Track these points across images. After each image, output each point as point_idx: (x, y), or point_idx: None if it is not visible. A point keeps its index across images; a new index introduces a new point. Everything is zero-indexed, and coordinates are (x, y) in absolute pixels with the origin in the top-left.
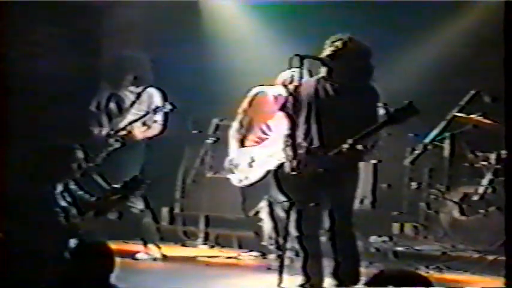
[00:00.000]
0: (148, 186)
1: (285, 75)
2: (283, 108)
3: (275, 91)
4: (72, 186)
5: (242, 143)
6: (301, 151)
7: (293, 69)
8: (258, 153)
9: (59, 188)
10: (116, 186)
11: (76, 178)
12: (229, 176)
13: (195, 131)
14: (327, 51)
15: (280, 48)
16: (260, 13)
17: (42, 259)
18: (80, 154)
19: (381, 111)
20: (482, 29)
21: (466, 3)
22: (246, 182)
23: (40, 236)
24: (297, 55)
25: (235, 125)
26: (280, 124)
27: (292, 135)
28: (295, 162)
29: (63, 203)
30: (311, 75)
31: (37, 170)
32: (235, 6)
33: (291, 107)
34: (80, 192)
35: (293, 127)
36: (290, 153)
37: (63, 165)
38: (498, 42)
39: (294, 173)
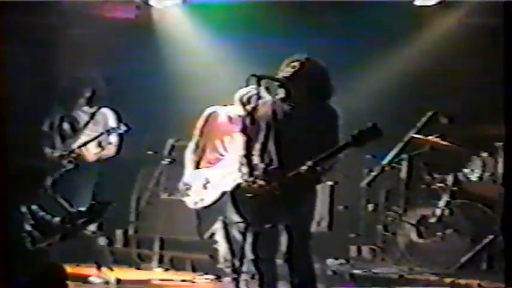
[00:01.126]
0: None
1: (242, 93)
2: (242, 128)
3: (228, 111)
4: (34, 207)
5: (198, 165)
6: (257, 172)
7: (251, 87)
8: (213, 175)
9: (23, 209)
10: (81, 209)
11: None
12: (184, 198)
13: (150, 152)
14: (284, 72)
15: (239, 65)
16: (218, 31)
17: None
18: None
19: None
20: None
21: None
22: (201, 204)
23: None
24: (253, 75)
25: (191, 146)
26: (236, 145)
27: (247, 155)
28: (251, 183)
29: (27, 227)
30: (269, 92)
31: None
32: (191, 24)
33: (248, 127)
34: (42, 213)
35: (248, 147)
36: (246, 173)
37: (29, 187)
38: (455, 58)
39: (249, 194)
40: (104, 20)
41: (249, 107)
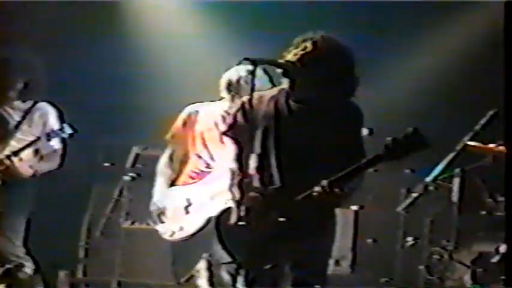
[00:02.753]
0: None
1: (231, 74)
2: (227, 130)
3: (214, 109)
4: None
5: (174, 181)
6: (253, 192)
7: (242, 67)
8: (197, 194)
9: None
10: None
11: None
12: (157, 227)
13: (106, 164)
14: (291, 54)
15: (226, 51)
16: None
17: None
18: None
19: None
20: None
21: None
22: (180, 235)
23: None
24: (247, 59)
25: (163, 160)
26: (227, 153)
27: (239, 170)
28: (243, 208)
29: None
30: (271, 81)
31: None
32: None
33: (239, 128)
34: None
35: (240, 158)
36: (237, 194)
37: None
38: None
39: (242, 222)
40: None
41: (239, 100)
